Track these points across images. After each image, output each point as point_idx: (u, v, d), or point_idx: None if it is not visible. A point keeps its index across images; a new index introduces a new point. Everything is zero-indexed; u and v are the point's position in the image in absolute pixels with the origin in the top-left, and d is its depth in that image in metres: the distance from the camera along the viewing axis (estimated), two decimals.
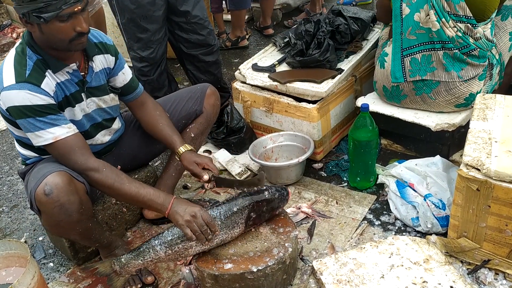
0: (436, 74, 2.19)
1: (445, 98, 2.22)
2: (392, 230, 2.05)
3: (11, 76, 1.61)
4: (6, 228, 2.38)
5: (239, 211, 1.76)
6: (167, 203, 1.68)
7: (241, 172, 2.52)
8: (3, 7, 5.23)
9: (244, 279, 1.67)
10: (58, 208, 1.61)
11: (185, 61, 2.75)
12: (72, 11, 1.55)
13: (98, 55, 1.83)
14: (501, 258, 1.73)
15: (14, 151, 3.06)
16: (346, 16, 2.67)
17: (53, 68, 1.68)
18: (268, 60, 2.74)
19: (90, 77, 1.80)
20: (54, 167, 1.68)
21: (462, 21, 2.07)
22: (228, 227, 1.74)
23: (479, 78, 2.18)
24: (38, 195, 1.62)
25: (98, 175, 1.68)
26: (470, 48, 2.10)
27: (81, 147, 1.70)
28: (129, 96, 2.00)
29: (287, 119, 2.51)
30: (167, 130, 1.96)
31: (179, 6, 2.51)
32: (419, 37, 2.17)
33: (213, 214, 1.72)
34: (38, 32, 1.60)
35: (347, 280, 1.70)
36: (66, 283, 1.99)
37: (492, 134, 1.75)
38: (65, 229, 1.72)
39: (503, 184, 1.58)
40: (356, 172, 2.28)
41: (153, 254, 1.70)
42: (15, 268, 1.78)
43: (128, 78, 1.97)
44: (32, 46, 1.65)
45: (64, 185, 1.61)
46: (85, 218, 1.71)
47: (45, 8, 1.51)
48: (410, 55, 2.22)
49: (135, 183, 1.71)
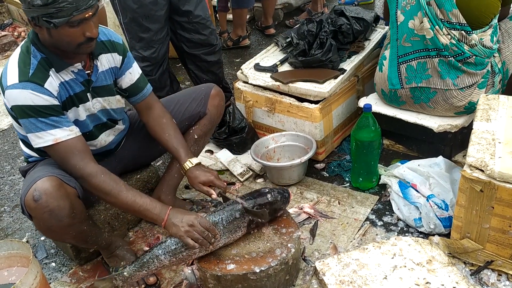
0: (431, 81, 2.17)
1: (444, 107, 2.21)
2: (394, 231, 2.05)
3: (15, 75, 1.61)
4: (8, 228, 2.38)
5: (242, 215, 1.76)
6: (163, 214, 1.67)
7: (243, 172, 2.51)
8: (4, 6, 5.22)
9: (247, 279, 1.67)
10: (47, 214, 1.61)
11: (187, 61, 2.75)
12: (83, 17, 1.54)
13: (104, 53, 1.80)
14: (504, 259, 1.72)
15: (15, 150, 3.06)
16: (348, 16, 2.66)
17: (57, 67, 1.66)
18: (270, 60, 2.74)
19: (95, 76, 1.78)
20: (45, 172, 1.67)
21: (456, 28, 2.04)
22: (231, 232, 1.74)
23: (479, 86, 2.15)
24: (28, 201, 1.62)
25: (96, 181, 1.67)
26: (465, 56, 2.07)
27: (81, 151, 1.68)
28: (136, 97, 1.95)
29: (289, 119, 2.51)
30: (173, 142, 1.92)
31: (181, 6, 2.51)
32: (414, 44, 2.16)
33: (215, 220, 1.72)
34: (46, 35, 1.58)
35: (350, 281, 1.70)
36: (68, 283, 1.99)
37: (496, 135, 1.75)
38: (57, 233, 1.72)
39: (507, 185, 1.58)
40: (358, 173, 2.28)
41: (158, 263, 1.70)
42: (17, 268, 1.78)
43: (135, 78, 1.92)
44: (37, 44, 1.64)
45: (53, 190, 1.60)
46: (78, 222, 1.70)
47: (55, 14, 1.49)
48: (405, 62, 2.21)
49: (132, 191, 1.69)
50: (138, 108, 2.00)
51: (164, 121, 1.96)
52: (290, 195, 1.91)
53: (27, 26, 5.02)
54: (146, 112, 1.98)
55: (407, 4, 2.13)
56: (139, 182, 2.22)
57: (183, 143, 1.94)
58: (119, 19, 2.54)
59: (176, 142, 1.93)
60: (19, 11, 5.03)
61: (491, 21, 2.06)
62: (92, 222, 1.85)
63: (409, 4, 2.12)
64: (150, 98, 1.98)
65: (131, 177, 2.20)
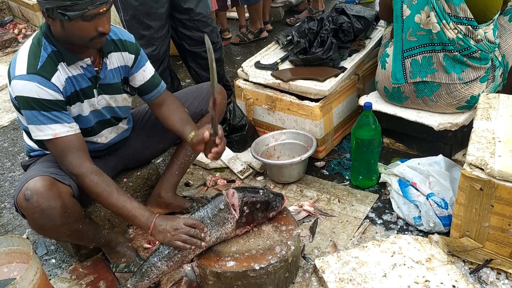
0: (436, 76, 2.18)
1: (446, 101, 2.21)
2: (394, 229, 2.05)
3: (23, 66, 1.61)
4: (8, 224, 2.38)
5: (226, 206, 1.75)
6: (149, 222, 1.68)
7: (243, 170, 2.52)
8: (4, 3, 5.22)
9: (247, 277, 1.68)
10: (38, 214, 1.61)
11: (187, 59, 2.75)
12: (97, 12, 1.55)
13: (114, 52, 1.81)
14: (503, 257, 1.73)
15: (16, 147, 3.06)
16: (349, 14, 2.66)
17: (68, 60, 1.67)
18: (271, 58, 2.74)
19: (103, 74, 1.79)
20: (39, 171, 1.67)
21: (463, 23, 2.05)
22: (219, 224, 1.74)
23: (481, 80, 2.16)
24: (19, 200, 1.63)
25: (88, 181, 1.67)
26: (471, 50, 2.09)
27: (78, 148, 1.69)
28: (150, 94, 1.95)
29: (290, 117, 2.51)
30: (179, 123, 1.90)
31: (182, 4, 2.51)
32: (419, 38, 2.16)
33: (200, 215, 1.73)
34: (59, 27, 1.59)
35: (349, 279, 1.70)
36: (68, 279, 1.99)
37: (496, 133, 1.75)
38: (51, 232, 1.72)
39: (507, 184, 1.58)
40: (358, 171, 2.28)
41: (156, 270, 1.72)
42: (16, 264, 1.78)
43: (148, 76, 1.93)
44: (49, 37, 1.65)
45: (45, 190, 1.60)
46: (72, 221, 1.70)
47: (71, 7, 1.51)
48: (410, 57, 2.21)
49: (123, 196, 1.69)
50: (152, 105, 2.00)
51: (175, 107, 1.95)
52: (285, 200, 1.88)
53: (28, 23, 5.02)
54: (160, 107, 1.98)
55: None
56: (140, 179, 2.22)
57: (191, 123, 1.92)
58: (120, 16, 2.54)
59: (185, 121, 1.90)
60: (19, 8, 5.03)
61: (494, 15, 2.08)
62: (89, 220, 1.84)
63: None
64: (165, 95, 1.99)
65: (131, 174, 2.20)
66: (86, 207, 1.98)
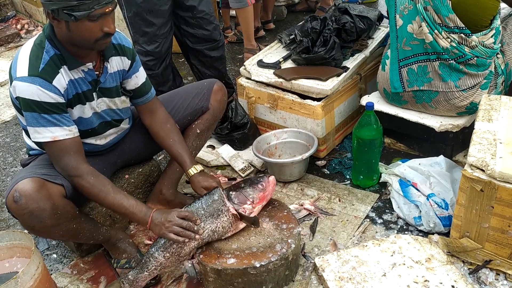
0: (433, 84, 2.18)
1: (445, 107, 2.21)
2: (394, 229, 2.06)
3: (25, 67, 1.61)
4: (10, 219, 2.39)
5: (220, 197, 1.79)
6: (147, 216, 1.71)
7: (244, 168, 2.52)
8: None
9: (247, 274, 1.68)
10: (27, 215, 1.62)
11: (190, 56, 2.75)
12: (103, 11, 1.56)
13: (114, 56, 1.82)
14: (502, 258, 1.73)
15: (18, 142, 3.07)
16: (352, 14, 2.66)
17: (70, 65, 1.68)
18: (274, 57, 2.74)
19: (104, 78, 1.80)
20: (29, 172, 1.68)
21: (455, 32, 2.03)
22: (213, 216, 1.76)
23: (482, 87, 2.15)
24: (8, 201, 1.63)
25: (84, 183, 1.69)
26: (467, 58, 2.07)
27: (76, 151, 1.70)
28: (139, 99, 1.98)
29: (291, 116, 2.51)
30: (177, 147, 1.95)
31: (185, 1, 2.51)
32: (414, 48, 2.16)
33: (195, 206, 1.79)
34: (64, 29, 1.59)
35: (349, 278, 1.71)
36: (69, 274, 2.00)
37: (497, 135, 1.76)
38: (42, 233, 1.74)
39: (507, 185, 1.59)
40: (359, 170, 2.29)
41: (154, 261, 1.75)
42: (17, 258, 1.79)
43: (140, 82, 1.95)
44: (52, 40, 1.65)
45: (33, 192, 1.60)
46: (65, 221, 1.71)
47: (77, 7, 1.51)
48: (406, 66, 2.21)
49: (119, 194, 1.72)
50: (140, 110, 2.02)
51: (168, 127, 1.98)
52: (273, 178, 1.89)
53: (31, 18, 5.02)
54: (149, 115, 2.00)
55: (404, 8, 2.13)
56: (141, 176, 2.23)
57: (186, 149, 1.97)
58: (123, 13, 2.54)
59: (181, 148, 1.95)
60: (22, 3, 5.03)
61: (492, 23, 2.06)
62: (84, 219, 1.83)
63: (407, 9, 2.12)
64: (154, 102, 2.01)
65: (133, 171, 2.20)
66: (84, 206, 1.98)
